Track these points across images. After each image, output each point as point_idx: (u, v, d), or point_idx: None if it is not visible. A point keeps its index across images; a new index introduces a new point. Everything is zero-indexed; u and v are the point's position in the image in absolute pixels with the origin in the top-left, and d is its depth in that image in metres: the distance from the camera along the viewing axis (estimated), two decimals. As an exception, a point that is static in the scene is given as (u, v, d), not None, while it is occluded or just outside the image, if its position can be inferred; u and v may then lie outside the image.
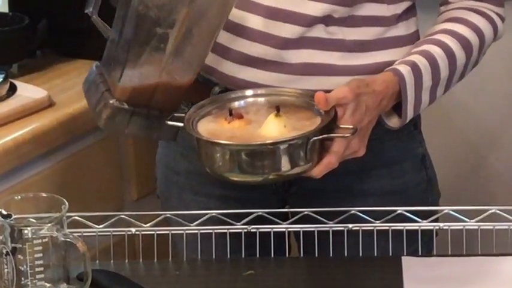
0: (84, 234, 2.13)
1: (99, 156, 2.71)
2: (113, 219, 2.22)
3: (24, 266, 2.00)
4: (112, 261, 2.22)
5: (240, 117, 2.05)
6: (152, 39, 2.09)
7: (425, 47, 2.26)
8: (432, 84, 2.23)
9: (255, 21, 2.24)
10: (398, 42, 2.26)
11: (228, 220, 2.20)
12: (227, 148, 1.99)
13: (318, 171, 2.00)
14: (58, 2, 2.59)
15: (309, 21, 2.19)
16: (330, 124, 1.98)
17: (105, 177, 2.75)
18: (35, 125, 2.58)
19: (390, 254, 2.18)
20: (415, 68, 2.18)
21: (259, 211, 2.20)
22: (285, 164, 1.99)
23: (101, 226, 2.19)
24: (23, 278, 2.01)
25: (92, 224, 2.18)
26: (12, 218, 2.00)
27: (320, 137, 1.96)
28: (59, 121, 2.62)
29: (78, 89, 2.51)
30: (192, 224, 2.20)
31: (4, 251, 1.99)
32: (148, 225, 2.21)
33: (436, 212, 2.26)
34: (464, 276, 2.09)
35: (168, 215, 2.25)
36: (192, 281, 2.15)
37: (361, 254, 2.21)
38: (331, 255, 2.18)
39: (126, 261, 2.23)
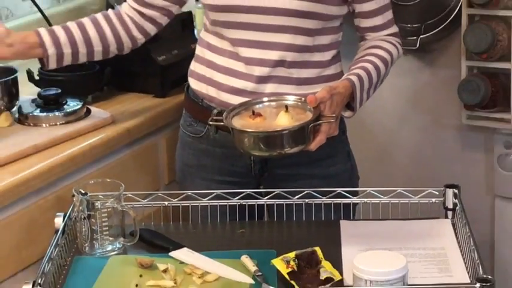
0: (135, 206, 2.27)
1: (144, 155, 2.76)
2: (152, 196, 2.37)
3: (95, 227, 2.15)
4: (152, 223, 2.37)
5: (259, 115, 2.19)
6: None
7: (362, 64, 2.37)
8: (369, 87, 2.35)
9: (239, 66, 2.36)
10: (330, 78, 2.36)
11: (226, 196, 2.34)
12: (252, 135, 2.14)
13: (314, 145, 2.14)
14: (117, 56, 2.64)
15: (273, 64, 2.33)
16: (318, 116, 2.13)
17: (148, 169, 2.77)
18: (102, 135, 2.59)
19: (332, 219, 2.32)
20: (359, 77, 2.30)
21: (249, 191, 2.34)
22: (290, 144, 2.13)
23: (145, 200, 2.33)
24: (94, 235, 2.15)
25: (139, 199, 2.32)
26: (87, 195, 2.16)
27: (315, 123, 2.12)
28: (118, 133, 2.62)
29: (130, 112, 2.71)
30: (203, 199, 2.33)
31: (82, 217, 2.14)
32: (175, 200, 2.34)
33: (358, 192, 2.39)
34: (381, 232, 2.23)
35: (189, 193, 2.35)
36: (204, 235, 2.32)
37: (313, 219, 2.32)
38: (294, 219, 2.33)
39: (161, 223, 2.37)
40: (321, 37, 2.41)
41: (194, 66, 2.52)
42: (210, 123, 2.25)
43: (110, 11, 2.51)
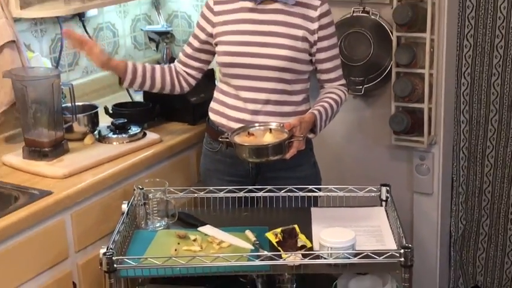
0: (175, 197, 2.24)
1: (181, 163, 2.67)
2: (186, 190, 2.32)
3: (148, 210, 2.15)
4: (186, 208, 2.34)
5: (252, 135, 2.20)
6: None
7: (321, 103, 2.32)
8: (326, 119, 2.29)
9: (240, 103, 2.34)
10: (301, 113, 2.29)
11: (234, 190, 2.32)
12: (248, 147, 2.14)
13: (288, 155, 2.12)
14: (163, 97, 2.66)
15: (262, 102, 2.32)
16: (291, 136, 2.13)
17: (183, 173, 2.67)
18: (153, 150, 2.52)
19: (306, 206, 2.29)
20: (320, 112, 2.27)
21: (249, 187, 2.33)
22: (273, 154, 2.13)
23: (182, 193, 2.29)
24: (148, 216, 2.16)
25: (177, 192, 2.29)
26: (144, 189, 2.16)
27: (289, 140, 2.13)
28: (164, 149, 2.56)
29: (172, 134, 2.66)
30: (220, 193, 2.29)
31: (140, 204, 2.15)
32: (201, 193, 2.31)
33: (321, 188, 2.35)
34: (338, 216, 2.20)
35: (210, 189, 2.33)
36: (221, 216, 2.26)
37: (293, 206, 2.29)
38: (280, 207, 2.30)
39: (192, 208, 2.35)
40: (295, 85, 2.36)
41: (212, 104, 2.48)
42: (220, 140, 2.24)
43: (170, 66, 2.51)
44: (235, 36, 2.35)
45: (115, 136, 2.55)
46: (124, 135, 2.55)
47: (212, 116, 2.47)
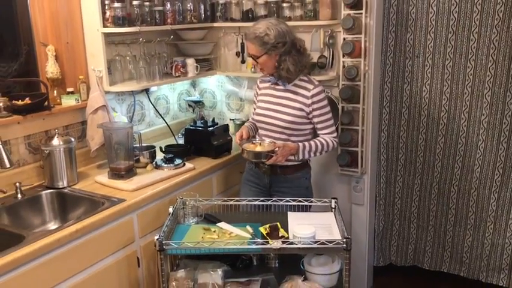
0: (202, 204, 2.18)
1: (206, 184, 2.58)
2: (208, 200, 2.26)
3: (186, 212, 2.12)
4: (210, 211, 2.28)
5: (254, 144, 2.26)
6: None
7: (310, 141, 2.28)
8: (309, 151, 2.25)
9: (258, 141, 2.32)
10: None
11: (256, 199, 2.25)
12: (252, 152, 2.20)
13: (267, 162, 2.19)
14: (196, 140, 2.71)
15: (279, 131, 2.29)
16: (272, 151, 2.17)
17: (208, 189, 2.61)
18: (189, 174, 2.45)
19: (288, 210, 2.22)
20: (305, 145, 2.24)
21: (265, 198, 2.25)
22: (257, 157, 2.20)
23: (206, 202, 2.22)
24: (185, 215, 2.12)
25: (203, 200, 2.20)
26: (183, 199, 2.14)
27: (270, 153, 2.18)
28: (196, 174, 2.49)
29: (201, 165, 2.59)
30: (230, 202, 2.24)
31: (180, 207, 2.11)
32: (219, 201, 2.28)
33: (295, 200, 2.24)
34: (305, 217, 2.15)
35: (224, 199, 2.27)
36: (230, 216, 2.18)
37: (281, 210, 2.23)
38: (280, 211, 2.24)
39: (213, 212, 2.30)
40: (293, 137, 2.30)
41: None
42: (238, 142, 2.30)
43: (251, 122, 2.50)
44: (262, 104, 2.37)
45: (166, 165, 2.53)
46: (171, 164, 2.53)
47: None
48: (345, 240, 1.87)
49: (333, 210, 2.22)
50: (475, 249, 2.86)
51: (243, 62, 3.04)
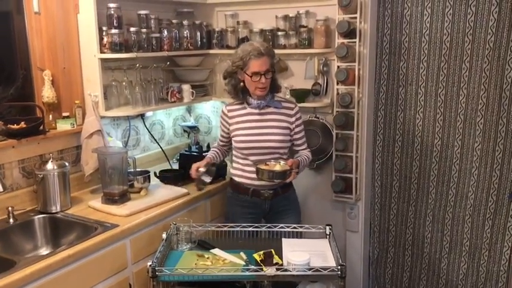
0: (196, 229, 2.18)
1: (200, 209, 2.57)
2: (202, 225, 2.26)
3: (179, 238, 2.11)
4: (203, 237, 2.25)
5: (268, 165, 2.26)
6: None
7: (300, 157, 2.35)
8: (303, 166, 2.35)
9: (253, 168, 2.30)
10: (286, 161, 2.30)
11: (251, 225, 2.23)
12: (274, 171, 2.20)
13: (288, 180, 2.22)
14: (190, 166, 2.73)
15: (272, 152, 2.31)
16: (291, 168, 2.22)
17: (202, 214, 2.58)
18: (183, 200, 2.43)
19: (281, 237, 2.22)
20: (300, 160, 2.32)
21: (261, 224, 2.26)
22: (280, 177, 2.20)
23: (200, 227, 2.22)
24: (178, 241, 2.11)
25: (198, 227, 2.21)
26: (176, 224, 2.13)
27: (290, 170, 2.21)
28: (190, 199, 2.47)
29: (195, 190, 2.56)
30: (224, 228, 2.24)
31: (174, 233, 2.10)
32: (212, 228, 2.27)
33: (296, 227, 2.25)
34: (299, 244, 2.14)
35: (218, 225, 2.26)
36: (224, 242, 2.16)
37: (275, 236, 2.24)
38: (278, 237, 2.23)
39: (206, 237, 2.28)
40: (284, 155, 2.36)
41: (235, 171, 2.44)
42: (256, 167, 2.24)
43: (218, 147, 2.53)
44: (246, 131, 2.34)
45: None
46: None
47: (237, 179, 2.41)
48: (339, 267, 1.86)
49: (328, 237, 2.21)
50: (470, 277, 2.84)
51: (238, 88, 3.07)
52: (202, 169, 2.36)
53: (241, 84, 2.31)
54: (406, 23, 2.70)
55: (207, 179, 2.41)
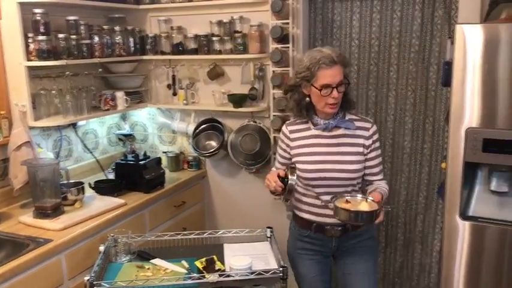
0: (134, 240, 2.13)
1: (138, 220, 2.51)
2: (141, 236, 2.19)
3: (118, 250, 2.03)
4: (143, 248, 2.19)
5: (349, 202, 1.80)
6: None
7: (380, 190, 1.90)
8: (383, 201, 1.85)
9: (318, 202, 1.96)
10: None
11: (192, 232, 2.19)
12: (348, 211, 1.74)
13: (377, 221, 1.75)
14: (128, 174, 2.66)
15: (346, 184, 1.91)
16: (381, 207, 1.78)
17: (141, 224, 2.52)
18: (120, 211, 2.41)
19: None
20: (383, 193, 1.89)
21: (202, 231, 2.17)
22: (368, 219, 1.75)
23: (139, 238, 2.16)
24: (117, 253, 2.03)
25: (137, 237, 2.16)
26: (114, 236, 2.05)
27: (380, 210, 1.76)
28: (128, 209, 2.43)
29: (133, 200, 2.54)
30: (164, 237, 2.19)
31: (112, 246, 2.03)
32: (152, 237, 2.20)
33: (231, 231, 2.19)
34: (240, 248, 2.12)
35: (158, 234, 2.21)
36: (165, 252, 2.12)
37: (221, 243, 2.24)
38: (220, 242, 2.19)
39: (145, 248, 2.22)
40: (358, 187, 1.98)
41: (298, 204, 2.03)
42: (330, 203, 1.83)
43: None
44: (312, 157, 1.92)
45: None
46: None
47: (301, 214, 2.02)
48: (281, 269, 1.87)
49: (269, 239, 2.22)
50: (405, 270, 2.93)
51: (174, 94, 3.05)
52: (294, 176, 1.86)
53: (307, 99, 1.91)
54: (336, 28, 2.78)
55: (292, 182, 1.86)
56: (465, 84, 1.72)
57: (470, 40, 1.68)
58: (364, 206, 1.79)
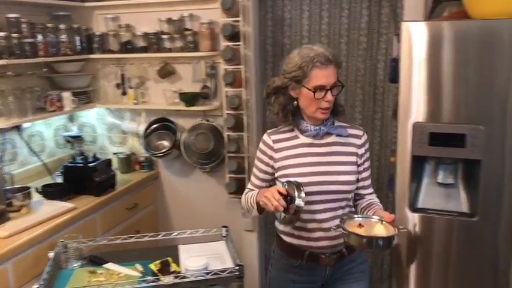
0: (86, 245, 2.09)
1: (89, 224, 2.47)
2: (93, 240, 2.16)
3: (68, 256, 1.97)
4: (95, 253, 2.16)
5: (362, 226, 1.54)
6: None
7: (376, 206, 1.71)
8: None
9: (314, 225, 1.69)
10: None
11: (146, 235, 2.12)
12: (369, 239, 1.48)
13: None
14: (76, 177, 2.59)
15: (334, 219, 1.66)
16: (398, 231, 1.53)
17: (92, 228, 2.49)
18: (69, 215, 2.36)
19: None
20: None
21: (157, 233, 2.11)
22: (387, 245, 1.48)
23: (90, 243, 2.13)
24: (68, 259, 1.98)
25: (87, 242, 2.12)
26: (64, 241, 2.00)
27: (396, 234, 1.51)
28: (78, 213, 2.39)
29: (83, 204, 2.49)
30: (117, 240, 2.10)
31: (62, 251, 1.96)
32: (104, 241, 2.15)
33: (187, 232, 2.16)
34: (197, 249, 2.09)
35: (111, 238, 2.13)
36: (117, 255, 2.05)
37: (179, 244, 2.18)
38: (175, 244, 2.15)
39: (98, 252, 2.17)
40: (351, 202, 1.77)
41: (286, 228, 1.76)
42: (339, 227, 1.56)
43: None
44: (301, 169, 1.66)
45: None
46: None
47: (289, 240, 1.75)
48: (237, 268, 1.87)
49: (225, 238, 2.22)
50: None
51: (123, 93, 3.00)
52: (303, 194, 1.54)
53: (295, 103, 1.68)
54: (286, 26, 2.82)
55: (301, 202, 1.54)
56: (412, 80, 1.76)
57: (415, 37, 1.73)
58: (379, 230, 1.55)
